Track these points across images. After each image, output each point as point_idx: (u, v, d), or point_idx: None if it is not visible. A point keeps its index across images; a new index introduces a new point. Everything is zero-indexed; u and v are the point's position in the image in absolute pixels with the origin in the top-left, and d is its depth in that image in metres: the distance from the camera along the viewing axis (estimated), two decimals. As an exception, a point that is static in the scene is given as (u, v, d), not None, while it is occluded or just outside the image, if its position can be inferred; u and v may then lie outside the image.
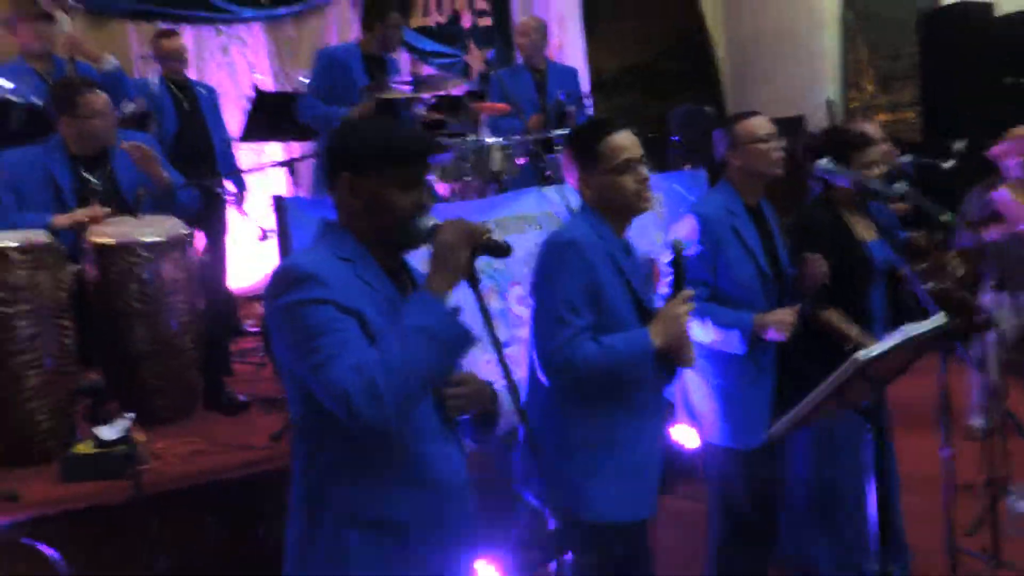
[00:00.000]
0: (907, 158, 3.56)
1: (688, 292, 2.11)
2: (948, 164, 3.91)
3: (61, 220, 3.33)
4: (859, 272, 2.76)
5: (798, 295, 2.68)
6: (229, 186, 4.97)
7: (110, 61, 4.35)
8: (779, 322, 2.50)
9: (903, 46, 6.86)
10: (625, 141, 2.14)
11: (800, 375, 2.47)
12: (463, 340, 1.53)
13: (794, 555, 3.02)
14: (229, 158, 4.99)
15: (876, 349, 1.88)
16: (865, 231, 2.88)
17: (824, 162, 2.72)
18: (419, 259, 1.70)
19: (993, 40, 6.11)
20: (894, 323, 2.55)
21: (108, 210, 3.42)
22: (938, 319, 2.06)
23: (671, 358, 2.11)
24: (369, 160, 1.62)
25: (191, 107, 4.80)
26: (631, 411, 2.13)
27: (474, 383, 1.70)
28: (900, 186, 2.76)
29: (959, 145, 4.21)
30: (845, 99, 7.26)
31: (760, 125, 2.68)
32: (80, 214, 3.36)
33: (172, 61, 4.78)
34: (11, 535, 2.58)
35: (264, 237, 4.11)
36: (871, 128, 3.05)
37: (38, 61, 4.31)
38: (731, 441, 2.59)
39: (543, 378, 2.07)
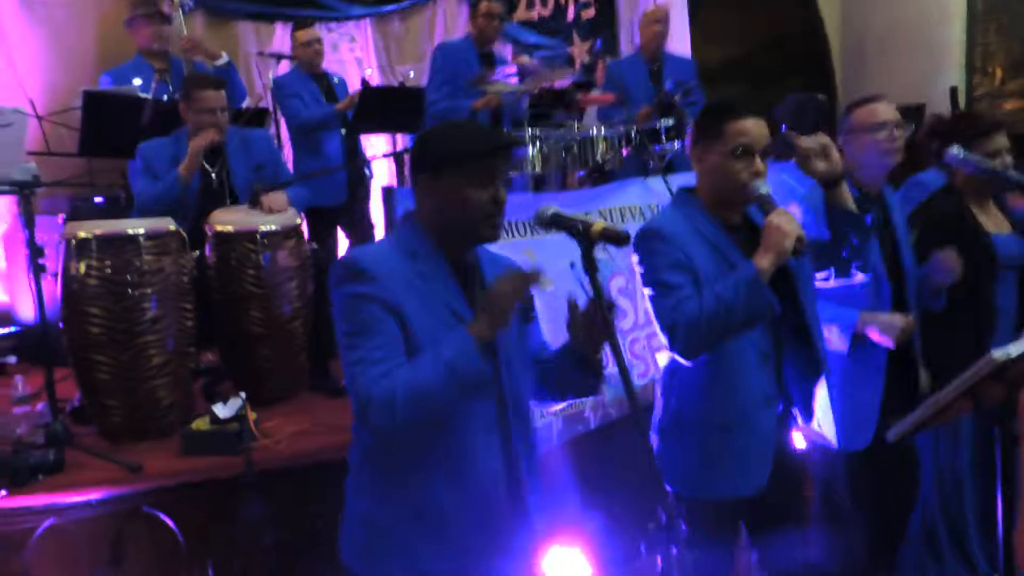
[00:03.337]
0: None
1: (782, 209, 2.01)
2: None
3: (183, 168, 3.55)
4: (982, 266, 2.59)
5: (924, 294, 2.54)
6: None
7: (223, 58, 4.56)
8: (887, 325, 2.39)
9: (1038, 29, 6.40)
10: (751, 127, 2.06)
11: (913, 379, 2.35)
12: (480, 382, 1.61)
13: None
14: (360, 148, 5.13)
15: (1015, 348, 1.74)
16: (994, 223, 2.70)
17: (956, 149, 2.57)
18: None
19: None
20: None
21: (213, 132, 3.58)
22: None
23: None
24: (445, 163, 1.69)
25: (328, 99, 4.97)
26: (737, 396, 2.09)
27: (513, 275, 1.67)
28: (1025, 175, 2.57)
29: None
30: (970, 86, 6.83)
31: (877, 111, 2.54)
32: (191, 151, 3.55)
33: (305, 52, 4.95)
34: (134, 503, 2.73)
35: None
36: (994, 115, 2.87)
37: (155, 59, 4.58)
38: (832, 441, 2.46)
39: (675, 356, 2.06)
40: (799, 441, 2.36)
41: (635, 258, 2.14)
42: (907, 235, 2.62)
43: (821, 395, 2.38)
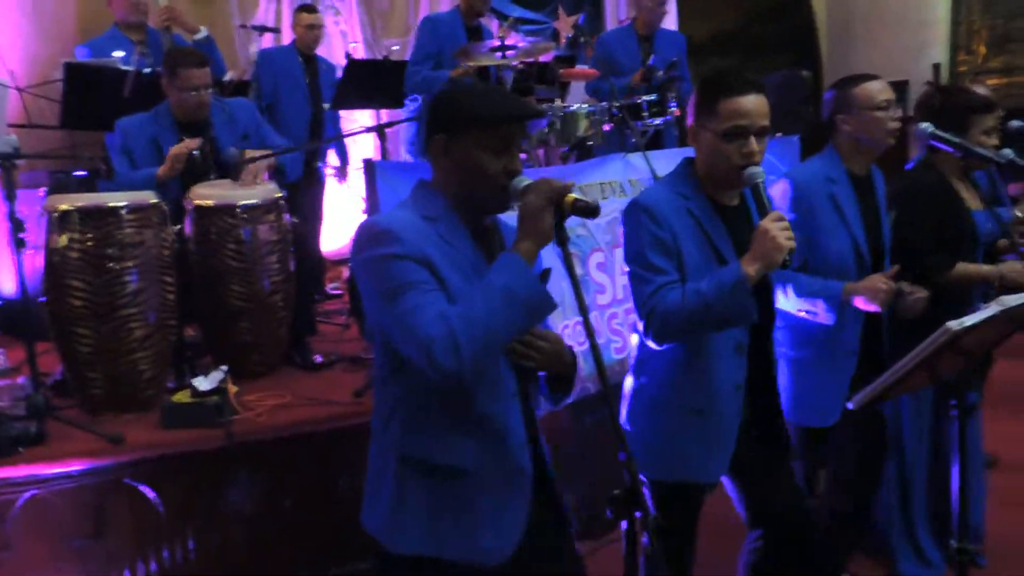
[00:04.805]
0: (1018, 123, 3.33)
1: (778, 213, 1.95)
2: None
3: (163, 170, 3.51)
4: (965, 241, 2.62)
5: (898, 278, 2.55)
6: (333, 159, 5.15)
7: (201, 32, 4.53)
8: (872, 289, 2.35)
9: (1020, 6, 6.41)
10: (748, 106, 1.97)
11: (885, 361, 2.36)
12: (544, 304, 1.56)
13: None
14: (337, 132, 5.17)
15: (969, 319, 1.78)
16: (972, 199, 2.73)
17: (925, 126, 2.58)
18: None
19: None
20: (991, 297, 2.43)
21: (196, 141, 3.57)
22: (1038, 293, 1.94)
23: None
24: (462, 123, 1.66)
25: (311, 80, 4.96)
26: (710, 383, 2.09)
27: (556, 343, 1.71)
28: (1007, 152, 2.60)
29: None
30: (953, 63, 6.85)
31: (879, 90, 2.49)
32: (172, 153, 3.51)
33: (306, 34, 4.95)
34: (115, 475, 2.76)
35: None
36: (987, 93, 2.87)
37: (133, 31, 4.53)
38: (796, 417, 2.47)
39: (647, 341, 2.05)
40: None
41: (622, 229, 2.11)
42: (888, 214, 2.62)
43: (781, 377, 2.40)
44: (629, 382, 2.24)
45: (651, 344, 2.05)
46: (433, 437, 1.67)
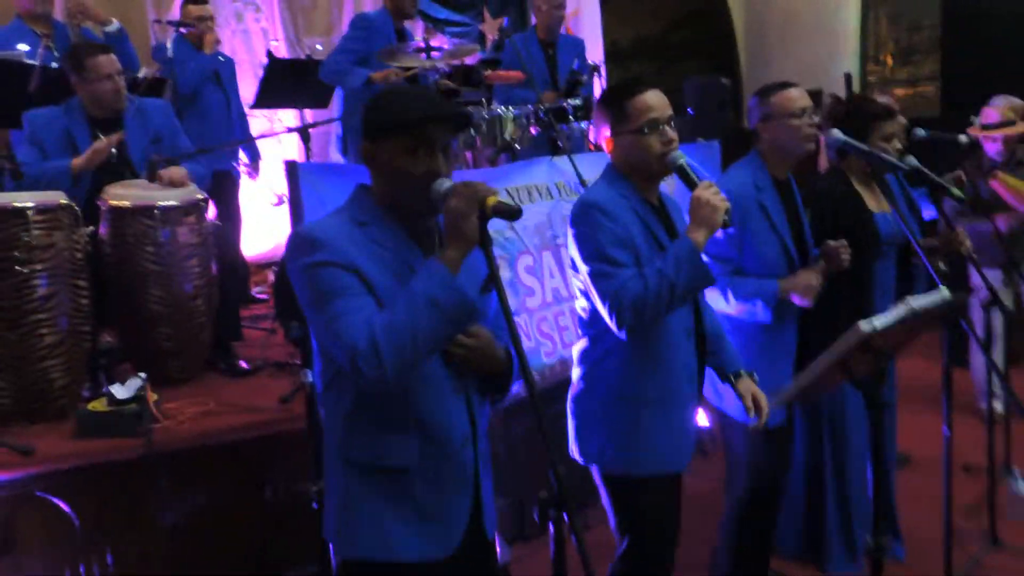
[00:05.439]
0: (922, 131, 3.51)
1: (708, 182, 2.05)
2: (965, 139, 3.84)
3: (79, 161, 3.38)
4: (865, 243, 2.75)
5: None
6: (242, 156, 5.01)
7: (113, 24, 4.36)
8: (804, 285, 2.48)
9: (925, 18, 6.75)
10: (653, 101, 2.10)
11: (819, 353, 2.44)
12: (466, 310, 1.56)
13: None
14: (244, 127, 5.02)
15: (880, 320, 1.87)
16: (876, 203, 2.86)
17: (836, 132, 2.70)
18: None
19: (1018, 12, 6.00)
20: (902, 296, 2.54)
21: (118, 135, 3.46)
22: (943, 294, 2.05)
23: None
24: (384, 127, 1.66)
25: (215, 77, 4.80)
26: (669, 370, 2.14)
27: (486, 341, 1.72)
28: (911, 159, 2.74)
29: (978, 120, 4.16)
30: (863, 73, 7.16)
31: (795, 98, 2.58)
32: (93, 148, 3.40)
33: (199, 28, 4.78)
34: (25, 488, 2.64)
35: (280, 203, 4.15)
36: (892, 103, 3.02)
37: (37, 23, 4.30)
38: (744, 418, 2.52)
39: (619, 334, 2.06)
40: (702, 419, 2.45)
41: (572, 232, 2.14)
42: (805, 214, 2.73)
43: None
44: (580, 385, 2.24)
45: (618, 335, 2.06)
46: (375, 439, 1.68)
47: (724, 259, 2.51)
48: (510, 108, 4.18)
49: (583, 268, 2.10)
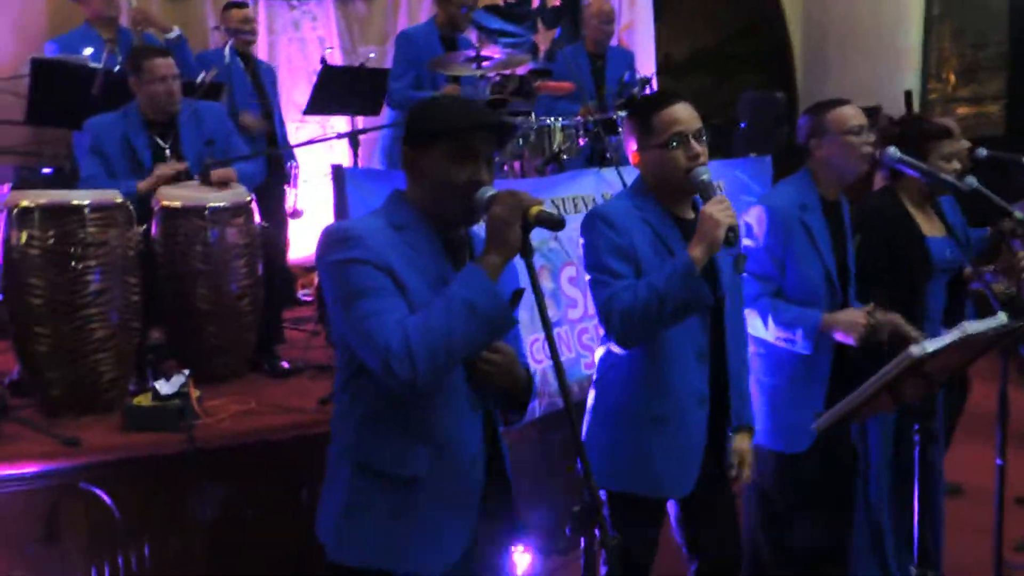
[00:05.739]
0: (983, 151, 3.39)
1: (721, 196, 1.99)
2: (1030, 161, 3.70)
3: (144, 185, 3.50)
4: (917, 267, 2.65)
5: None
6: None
7: (173, 31, 4.48)
8: (850, 323, 2.39)
9: (991, 34, 6.54)
10: (680, 114, 2.05)
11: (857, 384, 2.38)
12: (504, 319, 1.55)
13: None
14: (284, 135, 5.13)
15: (932, 345, 1.80)
16: (930, 226, 2.77)
17: (892, 150, 2.62)
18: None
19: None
20: (955, 323, 2.46)
21: (183, 165, 3.57)
22: (1000, 319, 1.97)
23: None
24: (428, 134, 1.66)
25: (254, 80, 4.90)
26: (673, 391, 2.09)
27: (509, 358, 1.70)
28: (971, 180, 2.64)
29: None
30: (924, 90, 6.97)
31: (852, 115, 2.51)
32: (158, 173, 3.52)
33: (240, 32, 4.88)
34: (70, 478, 2.70)
35: (295, 213, 4.27)
36: (950, 123, 2.93)
37: (104, 28, 4.47)
38: (771, 442, 2.50)
39: (611, 345, 2.06)
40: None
41: (581, 241, 2.13)
42: (852, 238, 2.65)
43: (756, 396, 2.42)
44: (591, 395, 2.24)
45: (615, 348, 2.06)
46: (388, 444, 1.66)
47: (765, 278, 2.45)
48: (558, 119, 4.18)
49: (586, 276, 2.10)
